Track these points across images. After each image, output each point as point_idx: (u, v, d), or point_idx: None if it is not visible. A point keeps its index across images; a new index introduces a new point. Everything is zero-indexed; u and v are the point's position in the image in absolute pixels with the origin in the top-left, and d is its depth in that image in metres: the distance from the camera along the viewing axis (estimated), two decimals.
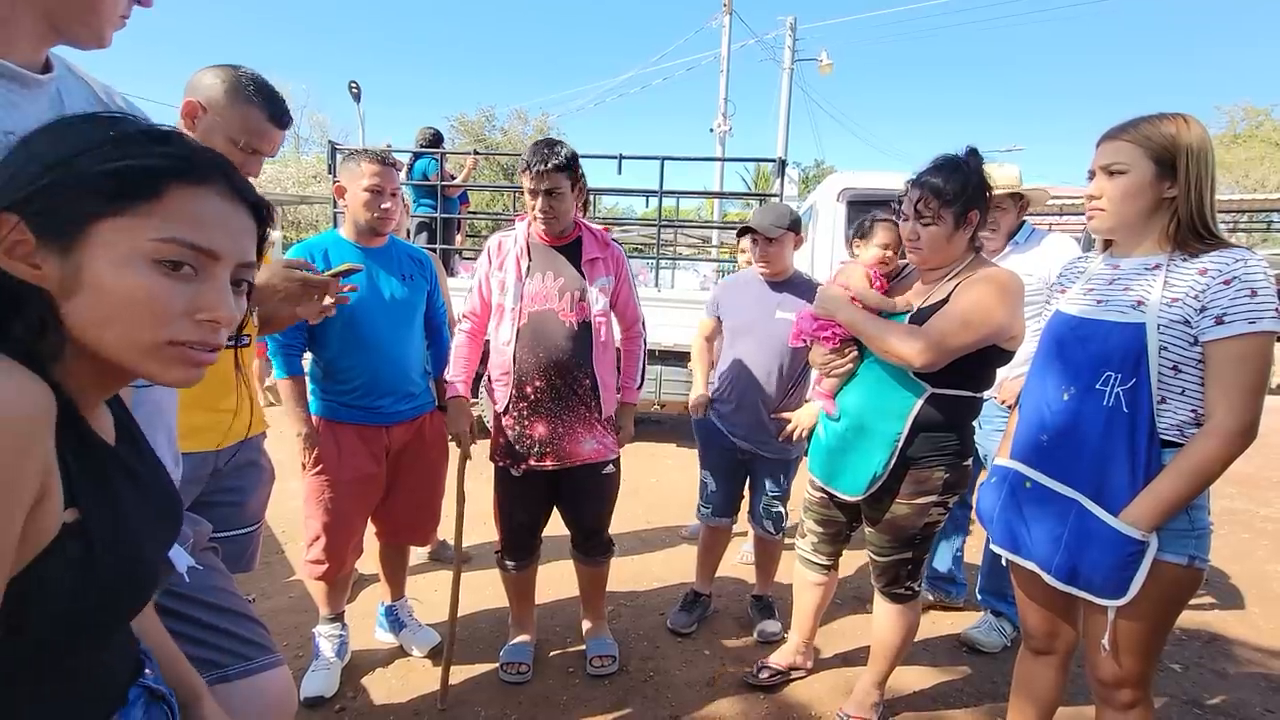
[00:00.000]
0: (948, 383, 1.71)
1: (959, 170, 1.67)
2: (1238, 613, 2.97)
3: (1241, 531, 4.09)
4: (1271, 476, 5.38)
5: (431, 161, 5.64)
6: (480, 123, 24.30)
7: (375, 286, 2.02)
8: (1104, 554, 1.30)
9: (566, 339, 2.01)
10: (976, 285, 1.67)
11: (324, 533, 2.02)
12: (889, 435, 1.76)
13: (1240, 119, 27.32)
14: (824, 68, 14.21)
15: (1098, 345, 1.33)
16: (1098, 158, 1.37)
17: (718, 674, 2.31)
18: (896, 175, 4.96)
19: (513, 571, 2.26)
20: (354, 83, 12.82)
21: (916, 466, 1.77)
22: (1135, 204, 1.33)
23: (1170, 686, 2.33)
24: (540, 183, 1.90)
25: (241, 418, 1.52)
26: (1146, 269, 1.33)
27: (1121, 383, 1.29)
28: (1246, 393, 1.21)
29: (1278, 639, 2.72)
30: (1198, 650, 2.60)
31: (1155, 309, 1.27)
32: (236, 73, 1.38)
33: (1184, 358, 1.26)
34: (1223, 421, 1.22)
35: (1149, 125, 1.31)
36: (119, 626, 0.72)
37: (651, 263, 5.93)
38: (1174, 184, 1.29)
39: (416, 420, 2.15)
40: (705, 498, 2.58)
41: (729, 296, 2.52)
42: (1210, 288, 1.22)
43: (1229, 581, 3.27)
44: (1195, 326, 1.24)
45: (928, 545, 1.90)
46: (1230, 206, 12.71)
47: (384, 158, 2.00)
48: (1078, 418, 1.36)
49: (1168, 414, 1.28)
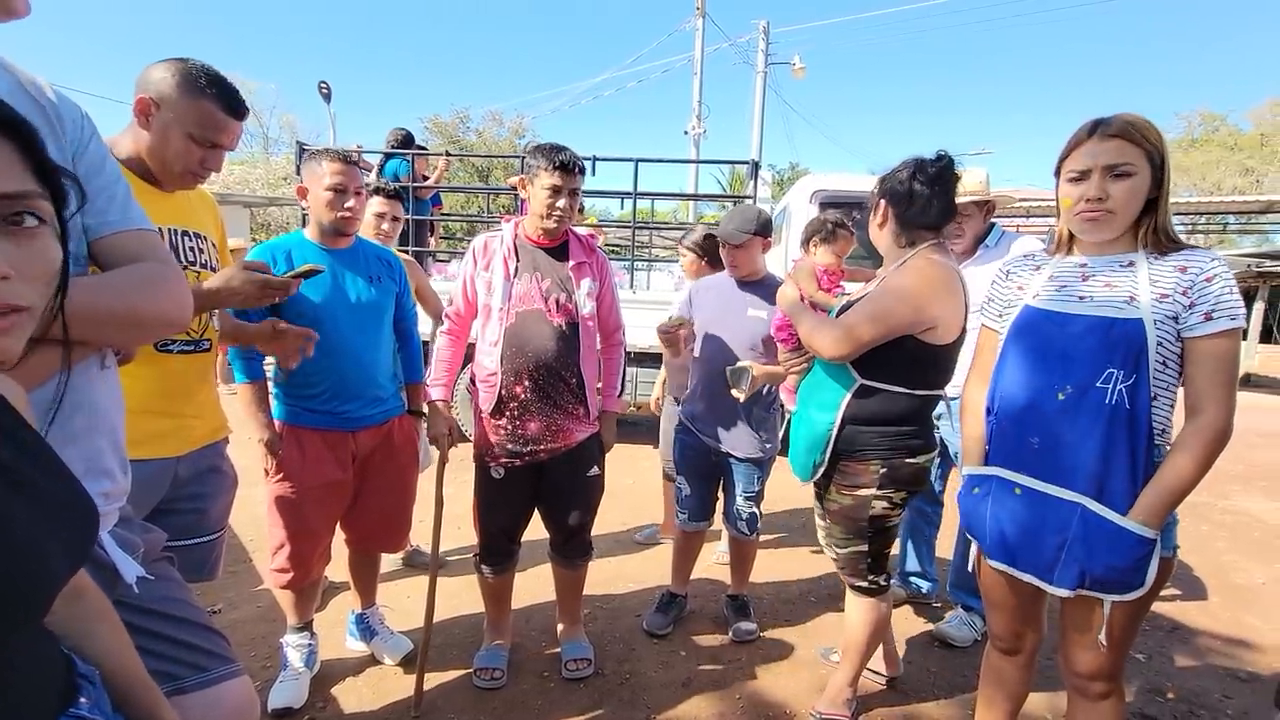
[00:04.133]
0: (874, 376, 1.76)
1: (903, 170, 1.75)
2: (1198, 603, 3.06)
3: (1202, 524, 4.21)
4: (1231, 470, 5.57)
5: (403, 163, 5.57)
6: (454, 124, 24.08)
7: (341, 289, 1.97)
8: (1117, 556, 1.28)
9: (554, 339, 2.01)
10: (892, 278, 1.75)
11: (288, 540, 1.98)
12: (824, 426, 1.83)
13: (1197, 124, 28.27)
14: (797, 71, 14.35)
15: (1096, 341, 1.30)
16: (1100, 156, 1.30)
17: (694, 675, 2.31)
18: (867, 178, 5.02)
19: (490, 576, 2.23)
20: (324, 83, 12.61)
21: (850, 458, 1.83)
22: (1137, 206, 1.31)
23: (1135, 676, 2.38)
24: (570, 181, 1.95)
25: (204, 422, 1.48)
26: (1122, 266, 1.33)
27: (1124, 380, 1.27)
28: (1227, 388, 1.25)
29: (1235, 628, 2.80)
30: (1161, 640, 2.67)
31: (1148, 304, 1.27)
32: (186, 65, 1.34)
33: (1170, 354, 1.28)
34: (1213, 416, 1.24)
35: (1143, 127, 1.30)
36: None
37: (627, 264, 5.92)
38: (1157, 188, 1.31)
39: (385, 425, 2.11)
40: (680, 503, 2.58)
41: (701, 297, 2.52)
42: (1195, 284, 1.24)
43: (1191, 573, 3.36)
44: (1182, 323, 1.25)
45: (885, 539, 1.91)
46: (1189, 209, 13.10)
47: (346, 156, 1.96)
48: (1075, 417, 1.32)
49: (1157, 410, 1.29)
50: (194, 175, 1.40)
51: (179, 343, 1.41)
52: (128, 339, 1.00)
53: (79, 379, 0.88)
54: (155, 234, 1.04)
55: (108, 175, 0.98)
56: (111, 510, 0.98)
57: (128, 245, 0.97)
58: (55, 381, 0.84)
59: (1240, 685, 2.36)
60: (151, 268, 0.97)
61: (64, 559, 0.65)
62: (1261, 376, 14.43)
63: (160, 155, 1.35)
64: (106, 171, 0.98)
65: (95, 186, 0.95)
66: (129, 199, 1.00)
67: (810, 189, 5.08)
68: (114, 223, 0.97)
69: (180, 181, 1.41)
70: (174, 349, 1.40)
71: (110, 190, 0.97)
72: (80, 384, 0.89)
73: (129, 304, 0.91)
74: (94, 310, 0.85)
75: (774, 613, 2.78)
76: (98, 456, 0.94)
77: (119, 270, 0.94)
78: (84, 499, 0.70)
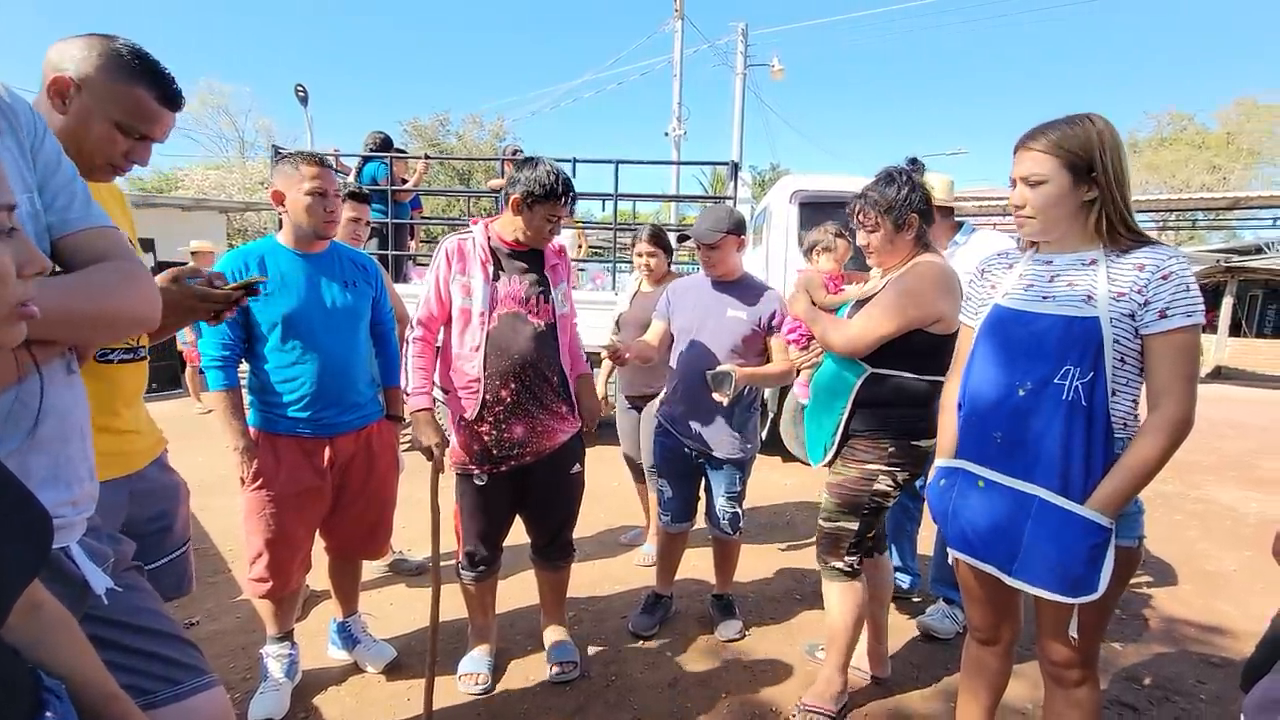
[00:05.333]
0: (883, 364, 1.91)
1: (892, 182, 1.89)
2: (1171, 590, 3.12)
3: (1174, 514, 4.30)
4: (1201, 461, 5.69)
5: (381, 166, 5.52)
6: (434, 127, 23.94)
7: (316, 294, 1.95)
8: (1072, 543, 1.31)
9: (536, 339, 2.02)
10: (901, 279, 1.90)
11: (266, 549, 1.95)
12: (836, 411, 2.00)
13: (1167, 123, 28.93)
14: (776, 73, 14.45)
15: (1054, 339, 1.34)
16: (1015, 168, 1.40)
17: (680, 675, 2.31)
18: (846, 178, 5.08)
19: (473, 582, 2.22)
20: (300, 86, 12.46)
21: (860, 437, 1.98)
22: (1058, 211, 1.36)
23: (1112, 664, 2.43)
24: (565, 210, 2.01)
25: (146, 437, 1.39)
26: (1083, 264, 1.37)
27: (1080, 376, 1.31)
28: (1187, 382, 1.28)
29: (1208, 615, 2.87)
30: (1137, 628, 2.72)
31: (1105, 303, 1.30)
32: (114, 44, 1.17)
33: (1129, 350, 1.31)
34: (1169, 409, 1.27)
35: (1060, 133, 1.34)
36: None
37: (609, 266, 5.93)
38: (1092, 187, 1.33)
39: (363, 430, 2.09)
40: (663, 505, 2.59)
41: (679, 298, 2.52)
42: (1151, 283, 1.27)
43: (1164, 562, 3.43)
44: (1139, 320, 1.29)
45: (873, 520, 2.00)
46: (1159, 206, 13.38)
47: (322, 159, 1.95)
48: (1035, 412, 1.36)
49: (1117, 405, 1.33)
50: (114, 169, 1.24)
51: (118, 351, 1.29)
52: (99, 338, 0.98)
53: (47, 385, 0.87)
54: (119, 231, 1.03)
55: (65, 173, 0.95)
56: (79, 520, 0.96)
57: (94, 243, 0.95)
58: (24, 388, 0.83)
59: (1214, 670, 2.41)
60: (121, 265, 0.96)
61: (17, 570, 0.63)
62: (1231, 369, 14.79)
63: (78, 143, 1.16)
64: (64, 169, 0.95)
65: (55, 184, 0.93)
66: (89, 196, 0.98)
67: (790, 189, 5.11)
68: (76, 220, 0.94)
69: (98, 174, 1.23)
70: (114, 358, 1.28)
71: (70, 188, 0.95)
72: (49, 390, 0.87)
73: (102, 302, 0.90)
74: (68, 310, 0.84)
75: (759, 611, 2.80)
76: (67, 464, 0.92)
77: (89, 269, 0.93)
78: (36, 508, 0.68)
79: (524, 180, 1.94)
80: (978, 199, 12.35)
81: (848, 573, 2.02)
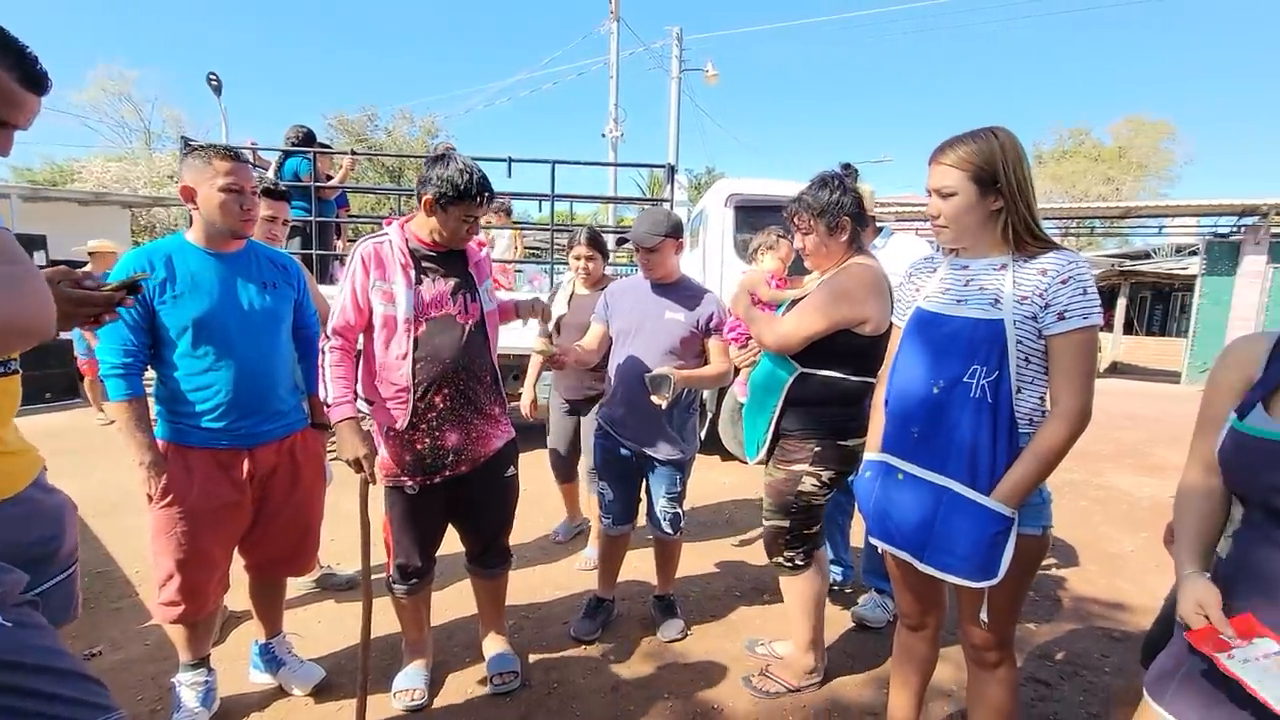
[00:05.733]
0: (813, 364, 1.99)
1: (825, 186, 1.96)
2: (1078, 571, 3.36)
3: (1079, 500, 4.63)
4: (1102, 450, 6.15)
5: (303, 161, 5.25)
6: (362, 122, 23.06)
7: (231, 296, 1.84)
8: (976, 532, 1.39)
9: (468, 341, 1.96)
10: (833, 279, 1.98)
11: (178, 570, 1.81)
12: (769, 408, 2.07)
13: (1067, 137, 31.23)
14: (710, 78, 14.69)
15: (964, 340, 1.43)
16: (929, 180, 1.49)
17: (623, 679, 2.30)
18: (780, 182, 5.21)
19: (406, 595, 2.13)
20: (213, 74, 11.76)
21: (790, 437, 2.06)
22: (968, 219, 1.45)
23: (1028, 643, 2.59)
24: (483, 210, 1.93)
25: (21, 456, 1.26)
26: (995, 269, 1.45)
27: (986, 375, 1.39)
28: (1085, 378, 1.37)
29: (1110, 593, 3.10)
30: (1048, 609, 2.91)
31: (1010, 306, 1.39)
32: None
33: (1033, 350, 1.40)
34: (1068, 404, 1.37)
35: (967, 148, 1.43)
36: None
37: (547, 267, 5.86)
38: (998, 197, 1.42)
39: (286, 440, 1.98)
40: (604, 508, 2.57)
41: (617, 301, 2.52)
42: (1051, 287, 1.36)
43: (1070, 546, 3.69)
44: (1041, 322, 1.37)
45: (807, 518, 2.08)
46: (1061, 214, 14.38)
47: (237, 153, 1.83)
48: (946, 409, 1.44)
49: (1022, 402, 1.41)
50: None
51: None
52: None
53: None
54: (6, 232, 0.93)
55: None
56: None
57: None
58: None
59: (1115, 644, 2.61)
60: (9, 270, 0.87)
61: None
62: (1125, 364, 16.08)
63: None
64: None
65: None
66: None
67: (725, 193, 5.20)
68: None
69: None
70: None
71: None
72: None
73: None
74: None
75: (701, 610, 2.82)
76: None
77: None
78: None
79: (435, 180, 1.84)
80: (901, 204, 12.92)
81: (791, 567, 2.12)
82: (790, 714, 2.14)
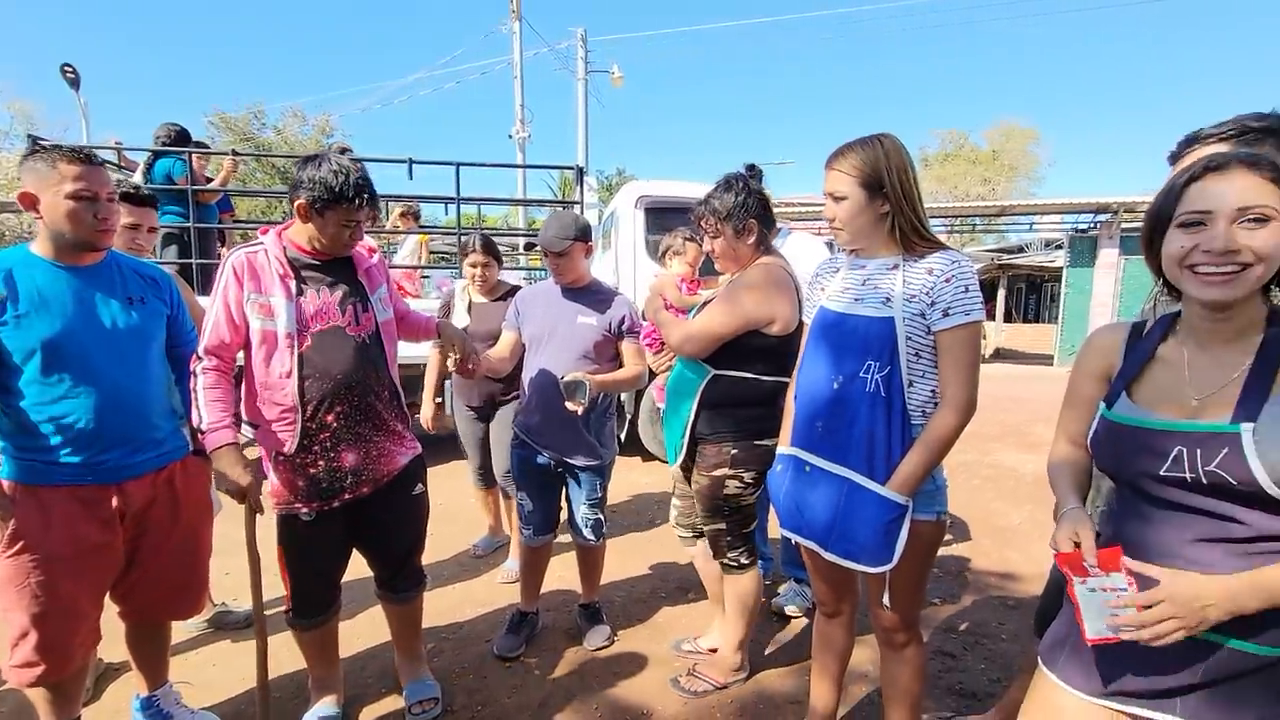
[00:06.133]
0: (725, 365, 2.00)
1: (730, 189, 1.98)
2: (973, 545, 3.61)
3: (973, 479, 4.99)
4: (990, 432, 6.66)
5: (177, 162, 4.80)
6: (247, 120, 21.51)
7: (90, 314, 1.64)
8: (873, 519, 1.47)
9: (359, 355, 1.82)
10: (739, 280, 2.00)
11: (34, 626, 1.59)
12: (684, 412, 2.07)
13: (948, 141, 33.76)
14: (616, 80, 14.77)
15: (859, 337, 1.50)
16: (825, 185, 1.55)
17: (550, 693, 2.25)
18: (688, 184, 5.29)
19: (310, 629, 1.98)
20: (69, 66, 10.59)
21: (705, 441, 2.06)
22: (860, 222, 1.53)
23: (934, 618, 2.74)
24: (364, 213, 1.77)
25: None
26: (888, 269, 1.53)
27: (879, 370, 1.46)
28: (969, 370, 1.46)
29: (1002, 564, 3.35)
30: (949, 584, 3.11)
31: (900, 304, 1.47)
32: None
33: (922, 345, 1.47)
34: (955, 395, 1.45)
35: (855, 154, 1.50)
36: None
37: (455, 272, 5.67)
38: (885, 201, 1.50)
39: (163, 471, 1.79)
40: (524, 518, 2.50)
41: (528, 307, 2.46)
42: (936, 285, 1.44)
43: (966, 522, 3.96)
44: (928, 318, 1.45)
45: (741, 518, 2.10)
46: (946, 213, 15.53)
47: (87, 155, 1.62)
48: (846, 404, 1.51)
49: (914, 395, 1.49)
50: None
51: None
52: None
53: None
54: None
55: None
56: None
57: None
58: None
59: (1010, 612, 2.82)
60: None
61: None
62: (1007, 350, 17.53)
63: None
64: None
65: None
66: None
67: (635, 194, 5.22)
68: None
69: None
70: None
71: None
72: None
73: None
74: None
75: (627, 614, 2.81)
76: None
77: None
78: None
79: (307, 182, 1.70)
80: (803, 204, 13.50)
81: (737, 567, 2.16)
82: (718, 710, 2.16)
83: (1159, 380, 1.06)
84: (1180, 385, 1.02)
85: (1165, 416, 1.01)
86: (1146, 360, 1.09)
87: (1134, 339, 1.13)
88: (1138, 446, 1.02)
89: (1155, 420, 1.01)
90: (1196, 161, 0.98)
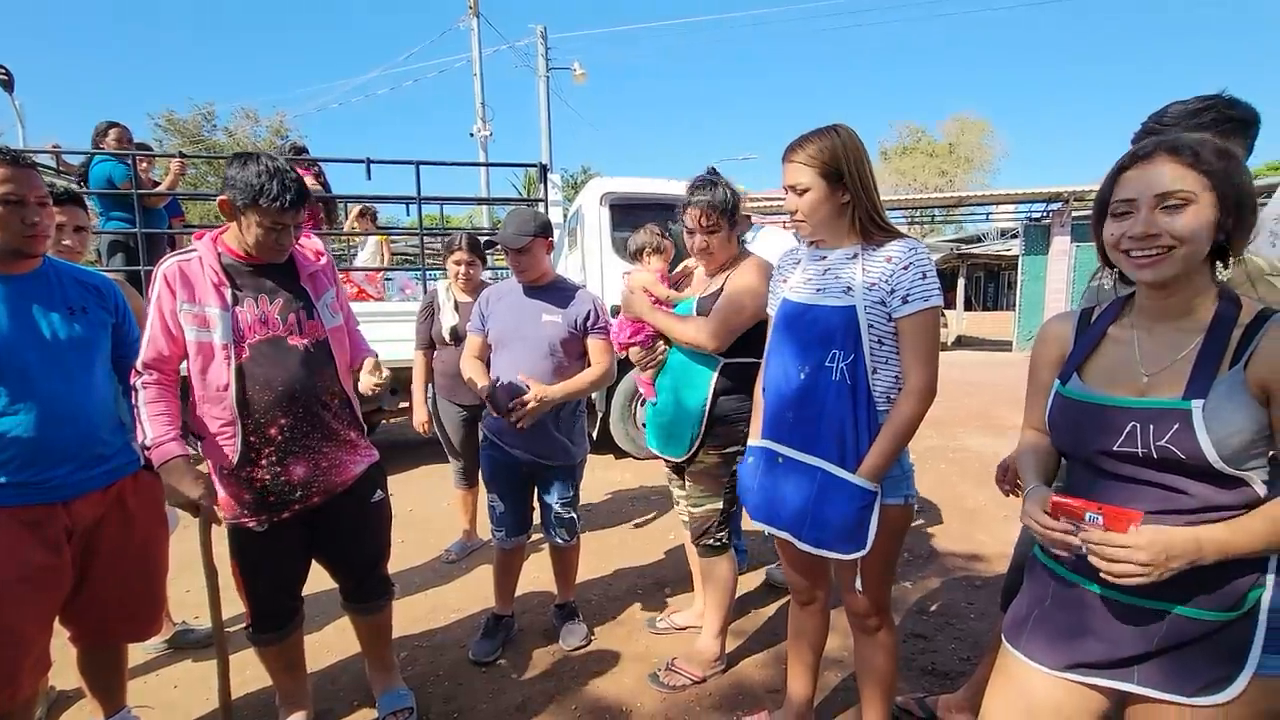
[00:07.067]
0: (735, 354, 2.06)
1: (715, 186, 2.05)
2: (942, 528, 3.69)
3: (940, 463, 5.10)
4: (955, 416, 6.82)
5: (119, 165, 4.61)
6: (196, 121, 20.78)
7: (27, 325, 1.55)
8: (844, 507, 1.48)
9: (305, 364, 1.74)
10: (743, 273, 2.06)
11: None
12: (698, 403, 2.10)
13: (907, 134, 34.41)
14: (578, 77, 14.69)
15: (822, 327, 1.51)
16: (784, 178, 1.56)
17: (528, 696, 2.23)
18: (653, 180, 5.29)
19: (272, 645, 1.92)
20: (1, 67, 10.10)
21: (722, 424, 2.10)
22: (822, 212, 1.54)
23: (905, 601, 2.80)
24: (296, 217, 1.69)
25: None
26: (848, 259, 1.54)
27: (844, 359, 1.48)
28: (929, 355, 1.48)
29: (969, 545, 3.43)
30: (919, 566, 3.17)
31: (860, 293, 1.48)
32: None
33: (884, 332, 1.49)
34: (916, 381, 1.48)
35: (814, 145, 1.51)
36: None
37: (418, 274, 5.57)
38: (846, 191, 1.52)
39: (112, 487, 1.71)
40: (496, 520, 2.47)
41: (493, 307, 2.42)
42: (895, 273, 1.46)
43: (934, 505, 4.05)
44: (889, 306, 1.47)
45: (733, 497, 2.14)
46: (905, 204, 15.83)
47: (16, 156, 1.53)
48: (813, 393, 1.53)
49: (879, 382, 1.51)
50: None
51: None
52: None
53: None
54: None
55: None
56: None
57: None
58: None
59: (977, 591, 2.89)
60: None
61: None
62: (968, 337, 17.99)
63: None
64: None
65: None
66: None
67: (600, 191, 5.20)
68: None
69: None
70: None
71: None
72: None
73: None
74: None
75: (603, 612, 2.79)
76: None
77: None
78: None
79: (231, 183, 1.63)
80: (769, 199, 13.61)
81: (719, 546, 2.21)
82: (698, 704, 2.16)
83: (1111, 359, 1.10)
84: (1131, 364, 1.06)
85: (1118, 394, 1.04)
86: (1097, 341, 1.13)
87: (1083, 325, 1.18)
88: (1092, 423, 1.05)
89: (1109, 397, 1.05)
90: (1127, 152, 1.04)
